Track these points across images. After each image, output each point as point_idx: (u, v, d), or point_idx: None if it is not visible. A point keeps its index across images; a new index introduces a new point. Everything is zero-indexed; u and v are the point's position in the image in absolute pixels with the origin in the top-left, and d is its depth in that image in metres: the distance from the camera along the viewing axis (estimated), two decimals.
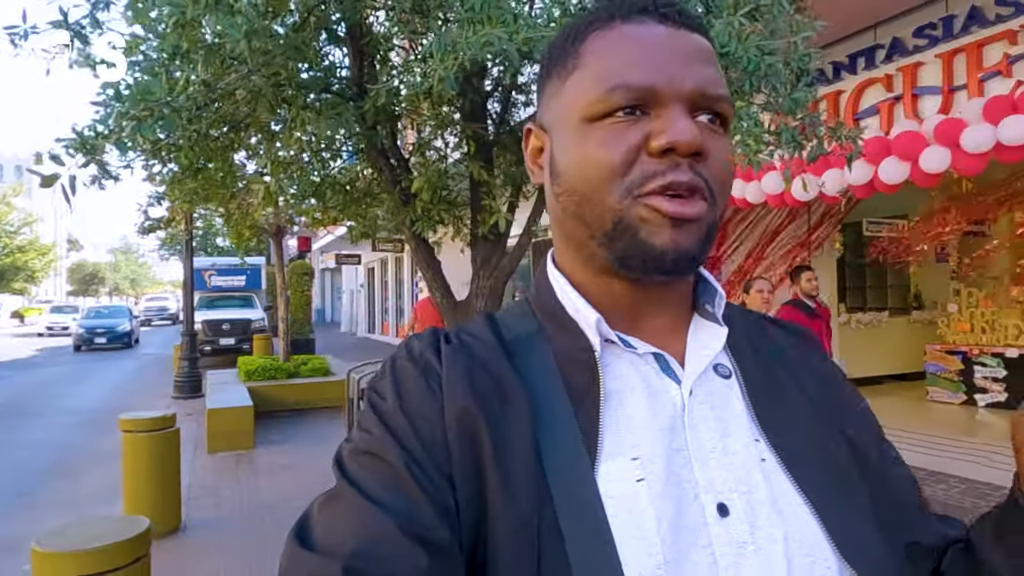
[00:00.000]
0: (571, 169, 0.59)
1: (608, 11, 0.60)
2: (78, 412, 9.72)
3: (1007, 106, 4.56)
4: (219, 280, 17.27)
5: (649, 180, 0.55)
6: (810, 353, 0.71)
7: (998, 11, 5.02)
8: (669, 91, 0.55)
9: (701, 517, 0.53)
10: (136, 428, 4.54)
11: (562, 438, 0.54)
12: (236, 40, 1.48)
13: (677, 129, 0.54)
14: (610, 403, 0.57)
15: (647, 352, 0.60)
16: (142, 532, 2.40)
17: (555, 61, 0.63)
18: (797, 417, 0.62)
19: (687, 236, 0.56)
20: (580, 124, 0.58)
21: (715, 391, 0.60)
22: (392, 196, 2.90)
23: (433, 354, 0.59)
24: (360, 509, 0.51)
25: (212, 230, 17.76)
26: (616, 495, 0.52)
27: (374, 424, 0.56)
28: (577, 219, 0.60)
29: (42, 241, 38.25)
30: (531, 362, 0.60)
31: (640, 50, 0.56)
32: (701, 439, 0.56)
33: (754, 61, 1.83)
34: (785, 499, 0.55)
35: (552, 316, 0.63)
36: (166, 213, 10.53)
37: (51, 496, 5.64)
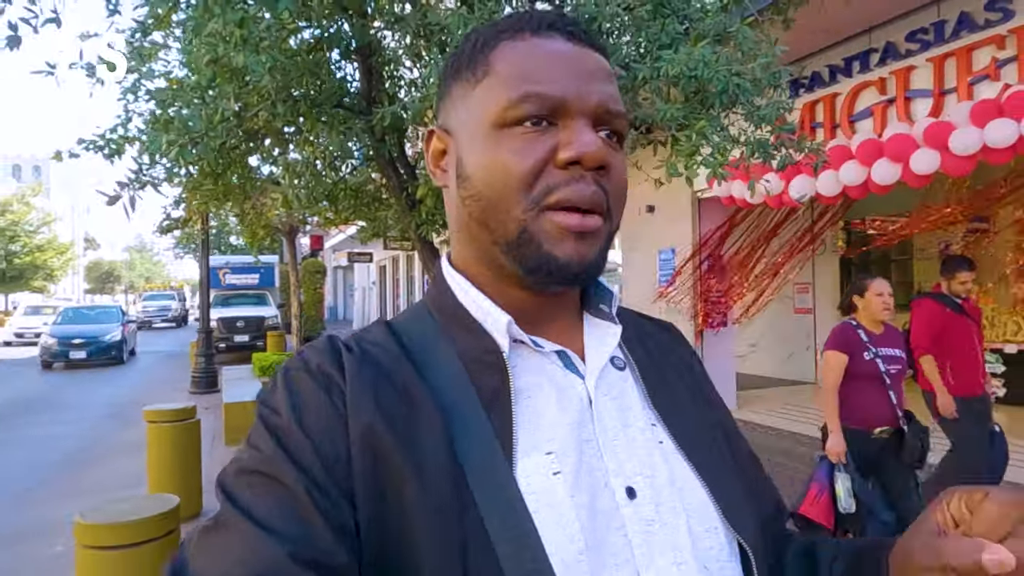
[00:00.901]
0: (479, 174, 0.60)
1: (518, 23, 0.61)
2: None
3: (993, 109, 4.71)
4: (233, 278, 17.60)
5: (554, 191, 0.57)
6: (677, 345, 0.77)
7: (987, 16, 5.16)
8: (577, 104, 0.57)
9: (613, 501, 0.56)
10: (159, 419, 4.82)
11: (478, 440, 0.55)
12: (260, 75, 1.71)
13: (584, 142, 0.56)
14: (521, 401, 0.58)
15: (552, 350, 0.62)
16: (173, 508, 2.65)
17: (463, 67, 0.63)
18: (683, 402, 0.67)
19: (589, 248, 0.58)
20: (491, 130, 0.59)
21: (614, 383, 0.64)
22: (399, 201, 3.11)
23: (334, 366, 0.57)
24: (248, 535, 0.48)
25: (226, 229, 18.08)
26: (536, 490, 0.54)
27: (265, 441, 0.53)
28: (482, 225, 0.61)
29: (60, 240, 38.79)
30: (438, 368, 0.59)
31: (551, 62, 0.58)
32: (607, 428, 0.60)
33: (723, 82, 2.03)
34: (682, 477, 0.60)
35: (454, 318, 0.63)
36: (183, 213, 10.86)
37: (75, 485, 5.93)
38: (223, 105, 1.85)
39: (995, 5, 5.10)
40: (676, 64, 1.90)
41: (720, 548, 0.59)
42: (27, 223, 33.87)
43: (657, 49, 2.22)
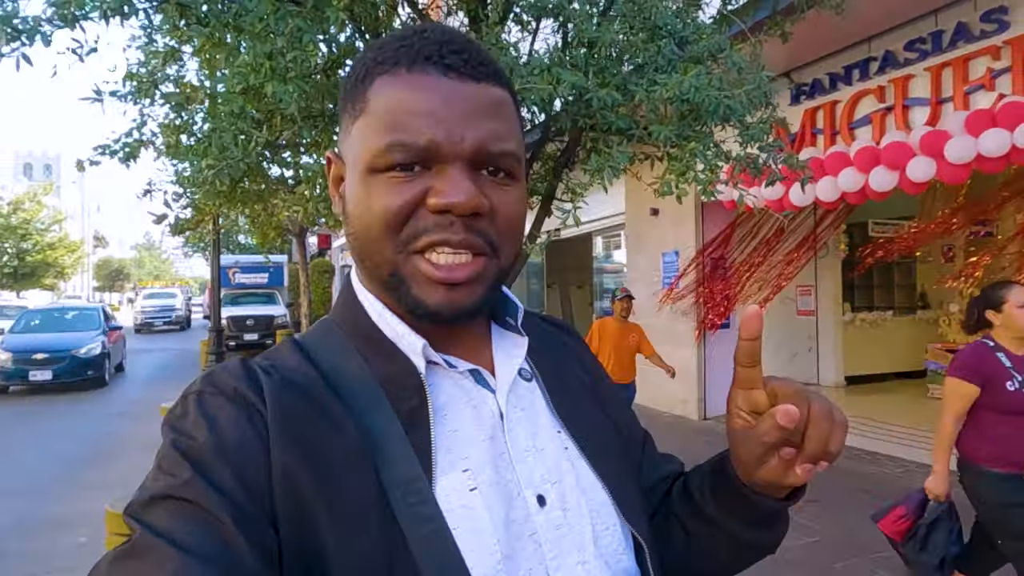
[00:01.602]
0: (355, 213, 0.60)
1: (395, 54, 0.58)
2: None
3: (987, 119, 4.83)
4: (243, 277, 17.80)
5: (421, 235, 0.56)
6: (572, 342, 0.81)
7: (983, 27, 5.27)
8: (448, 149, 0.55)
9: (525, 509, 0.59)
10: None
11: (399, 463, 0.55)
12: (289, 104, 1.86)
13: (454, 190, 0.55)
14: (439, 421, 0.59)
15: (465, 368, 0.63)
16: None
17: (347, 97, 0.62)
18: (582, 406, 0.71)
19: (461, 295, 0.58)
20: (364, 174, 0.58)
21: (523, 394, 0.66)
22: None
23: (251, 389, 0.55)
24: (171, 561, 0.46)
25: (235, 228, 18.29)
26: (454, 507, 0.55)
27: (180, 466, 0.51)
28: (362, 261, 0.62)
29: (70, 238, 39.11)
30: (356, 390, 0.59)
31: (420, 104, 0.56)
32: (517, 440, 0.62)
33: (714, 103, 2.18)
34: (586, 480, 0.64)
35: (368, 340, 0.62)
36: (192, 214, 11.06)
37: (96, 479, 6.12)
38: (256, 135, 2.01)
39: (991, 16, 5.22)
40: (670, 88, 2.05)
41: (618, 544, 0.63)
42: (38, 221, 34.20)
43: (653, 71, 2.37)
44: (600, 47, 2.30)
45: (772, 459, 0.57)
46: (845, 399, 8.43)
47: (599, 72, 2.31)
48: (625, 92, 2.21)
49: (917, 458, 6.05)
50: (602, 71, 2.36)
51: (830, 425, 0.54)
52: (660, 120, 2.20)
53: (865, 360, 9.44)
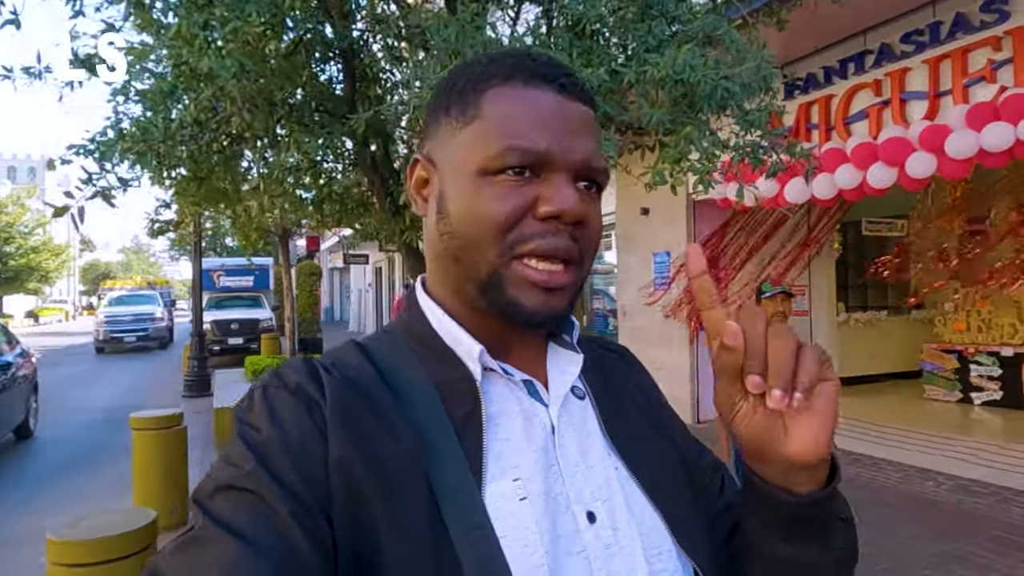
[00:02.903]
0: (459, 214, 0.62)
1: (510, 68, 0.62)
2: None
3: (990, 113, 4.66)
4: (227, 280, 17.54)
5: (528, 241, 0.59)
6: (630, 369, 0.80)
7: (983, 18, 5.11)
8: (560, 159, 0.59)
9: (574, 525, 0.58)
10: (145, 426, 4.75)
11: (450, 466, 0.56)
12: (226, 80, 1.64)
13: (564, 198, 0.58)
14: (491, 428, 0.60)
15: (520, 379, 0.64)
16: (150, 523, 2.58)
17: (453, 103, 0.64)
18: (636, 429, 0.70)
19: (556, 300, 0.61)
20: (474, 175, 0.60)
21: (574, 411, 0.66)
22: (383, 207, 3.05)
23: (313, 386, 0.58)
24: (230, 550, 0.48)
25: (221, 231, 18.01)
26: (503, 515, 0.56)
27: (245, 458, 0.53)
28: (456, 261, 0.63)
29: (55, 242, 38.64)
30: (412, 393, 0.61)
31: (537, 116, 0.60)
32: (568, 455, 0.62)
33: (710, 85, 1.98)
34: (636, 502, 0.63)
35: (427, 345, 0.65)
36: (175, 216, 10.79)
37: (67, 489, 5.85)
38: (182, 112, 1.79)
39: (991, 6, 5.05)
40: (661, 67, 1.84)
41: (673, 569, 0.61)
42: (22, 225, 33.72)
43: (644, 52, 2.16)
44: (586, 24, 2.10)
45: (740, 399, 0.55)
46: (841, 401, 8.12)
47: (585, 52, 2.10)
48: (614, 74, 2.01)
49: (917, 463, 5.91)
50: (588, 52, 2.16)
51: (791, 344, 0.52)
52: (651, 105, 2.01)
53: (860, 361, 9.30)
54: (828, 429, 0.55)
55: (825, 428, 0.55)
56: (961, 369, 7.68)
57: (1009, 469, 5.51)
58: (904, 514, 4.68)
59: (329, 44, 2.57)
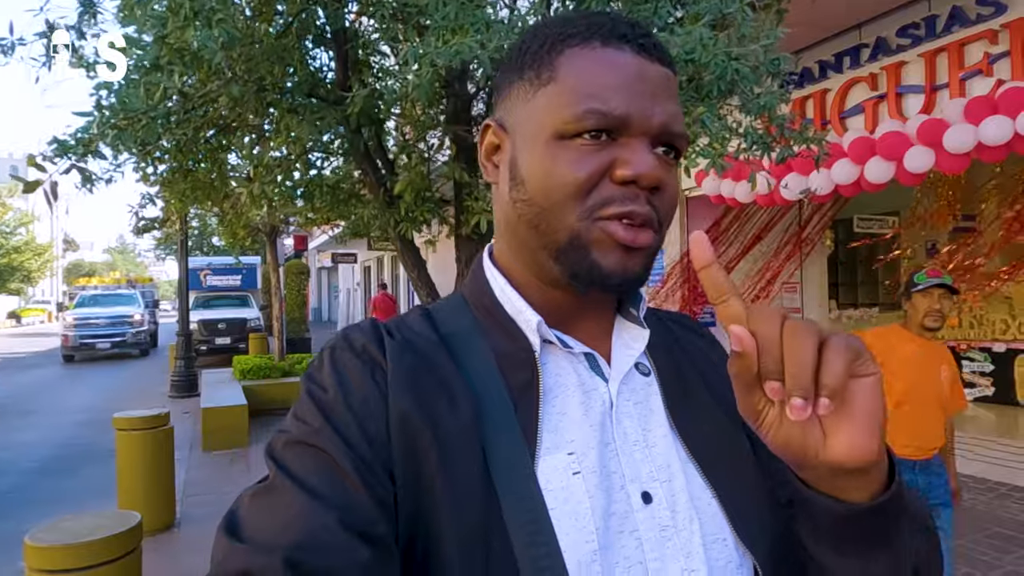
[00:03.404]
0: (534, 180, 0.60)
1: (587, 29, 0.60)
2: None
3: (988, 106, 4.62)
4: (215, 280, 17.34)
5: (608, 205, 0.58)
6: (703, 343, 0.77)
7: (979, 11, 5.08)
8: (639, 123, 0.58)
9: (628, 504, 0.57)
10: (130, 427, 4.61)
11: (505, 435, 0.57)
12: (213, 51, 1.54)
13: (642, 162, 0.57)
14: (548, 400, 0.60)
15: (580, 351, 0.63)
16: (134, 527, 2.46)
17: (527, 65, 0.63)
18: (703, 410, 0.67)
19: (636, 261, 0.59)
20: (550, 139, 0.59)
21: (637, 388, 0.65)
22: (377, 198, 2.95)
23: (377, 348, 0.59)
24: (298, 501, 0.50)
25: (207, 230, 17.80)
26: (554, 488, 0.55)
27: (313, 415, 0.56)
28: (532, 228, 0.61)
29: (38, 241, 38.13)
30: (471, 359, 0.61)
31: (616, 78, 0.58)
32: (626, 433, 0.61)
33: (721, 66, 1.90)
34: (696, 486, 0.61)
35: (490, 314, 0.65)
36: (160, 213, 10.60)
37: (47, 493, 5.70)
38: (164, 81, 1.67)
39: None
40: (672, 46, 1.76)
41: (728, 560, 0.59)
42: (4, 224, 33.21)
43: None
44: (589, 3, 2.01)
45: (764, 406, 0.49)
46: None
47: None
48: None
49: None
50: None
51: (811, 342, 0.45)
52: None
53: None
54: (873, 429, 0.47)
55: (869, 429, 0.47)
56: None
57: (1004, 464, 5.50)
58: None
59: (321, 27, 2.48)
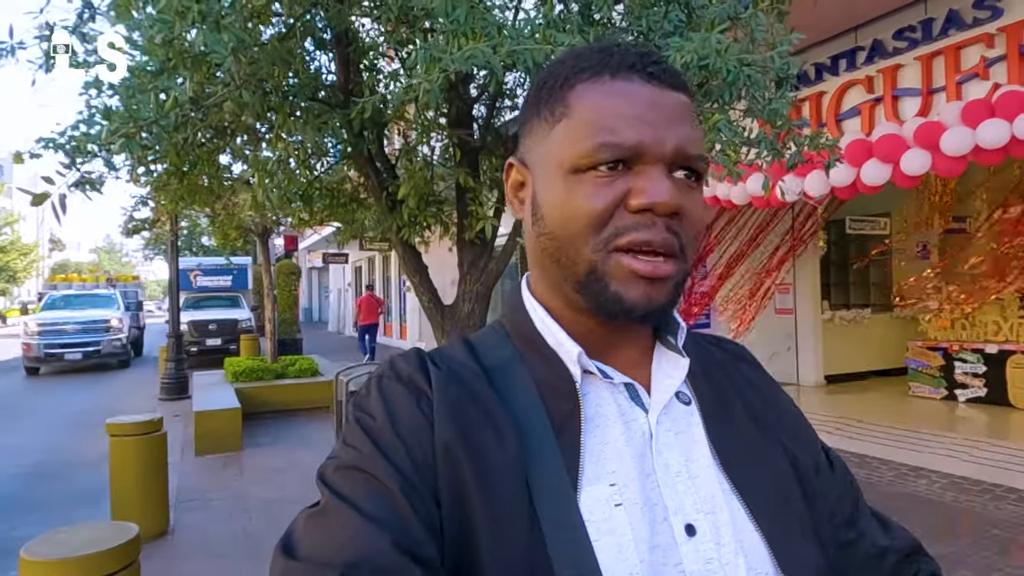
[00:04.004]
0: (553, 215, 0.61)
1: (598, 62, 0.61)
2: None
3: (985, 110, 4.65)
4: (205, 280, 17.17)
5: (624, 235, 0.58)
6: (748, 369, 0.76)
7: (975, 14, 5.10)
8: (652, 151, 0.58)
9: (671, 537, 0.57)
10: (123, 432, 4.53)
11: (547, 466, 0.57)
12: (223, 56, 1.50)
13: (656, 190, 0.57)
14: (589, 431, 0.60)
15: (621, 382, 0.63)
16: (132, 539, 2.41)
17: (542, 103, 0.64)
18: (746, 440, 0.66)
19: (658, 292, 0.59)
20: (566, 173, 0.60)
21: (678, 418, 0.64)
22: (379, 202, 2.92)
23: (422, 377, 0.61)
24: (352, 522, 0.52)
25: (197, 230, 17.62)
26: (597, 519, 0.55)
27: (362, 442, 0.57)
28: (555, 262, 0.62)
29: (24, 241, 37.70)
30: (513, 390, 0.62)
31: (627, 108, 0.59)
32: (668, 464, 0.60)
33: (733, 72, 1.87)
34: (740, 519, 0.60)
35: (531, 344, 0.65)
36: (151, 214, 10.49)
37: (37, 499, 5.61)
38: (176, 88, 1.63)
39: (983, 3, 5.05)
40: (686, 52, 1.73)
41: None
42: None
43: (659, 38, 2.05)
44: (598, 10, 1.98)
45: None
46: (826, 399, 8.31)
47: (598, 39, 1.99)
48: None
49: (907, 460, 5.91)
50: (600, 39, 2.04)
51: None
52: None
53: (845, 359, 9.35)
54: None
55: None
56: (946, 366, 7.73)
57: (998, 466, 5.53)
58: (900, 513, 4.65)
59: (324, 29, 2.43)
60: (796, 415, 0.75)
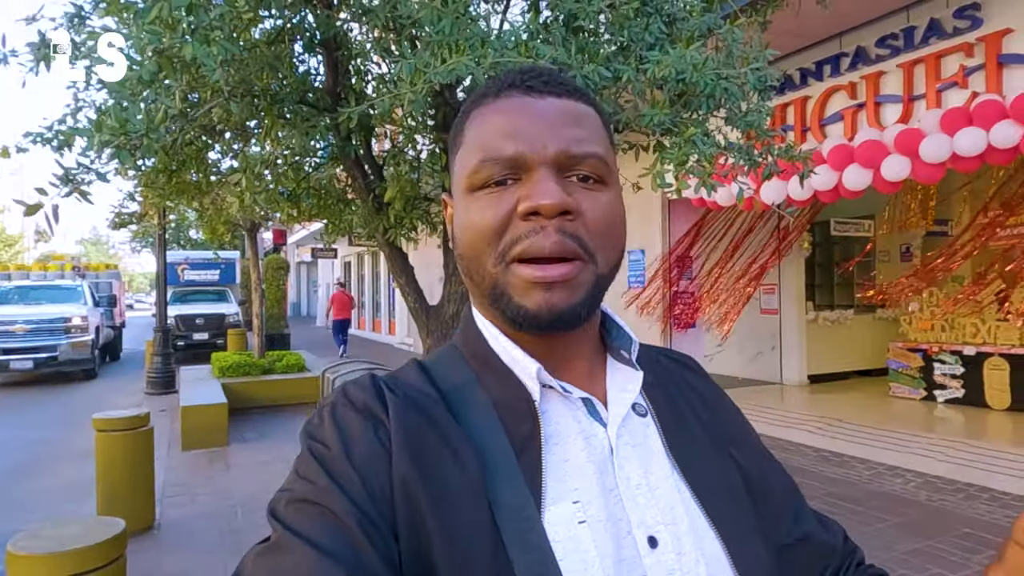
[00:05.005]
0: (459, 235, 0.64)
1: (484, 91, 0.65)
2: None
3: (963, 118, 4.75)
4: (192, 274, 17.11)
5: (517, 243, 0.59)
6: (695, 379, 0.77)
7: (955, 24, 5.20)
8: (533, 157, 0.59)
9: (635, 550, 0.57)
10: (110, 427, 4.55)
11: (510, 488, 0.56)
12: (212, 69, 1.54)
13: (539, 192, 0.58)
14: (550, 449, 0.60)
15: (578, 396, 0.63)
16: (119, 534, 2.45)
17: (451, 138, 0.68)
18: (700, 449, 0.67)
19: (560, 296, 0.59)
20: (464, 195, 0.63)
21: (635, 430, 0.65)
22: (365, 204, 2.96)
23: (378, 405, 0.59)
24: (306, 560, 0.50)
25: (185, 223, 17.52)
26: (562, 538, 0.55)
27: (316, 473, 0.55)
28: (470, 280, 0.65)
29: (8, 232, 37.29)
30: (472, 414, 0.61)
31: (505, 123, 0.61)
32: (629, 478, 0.61)
33: (710, 85, 1.94)
34: (700, 527, 0.61)
35: (486, 364, 0.65)
36: (139, 208, 10.43)
37: (19, 494, 5.61)
38: (167, 102, 1.67)
39: (964, 13, 5.15)
40: (664, 66, 1.79)
41: None
42: None
43: (641, 50, 2.11)
44: (580, 20, 2.04)
45: None
46: (809, 398, 8.43)
47: (581, 50, 2.04)
48: (610, 71, 1.95)
49: (885, 459, 6.02)
50: (582, 50, 2.10)
51: None
52: (648, 104, 1.96)
53: (827, 359, 9.48)
54: None
55: None
56: (925, 367, 7.87)
57: (972, 465, 5.65)
58: (875, 511, 4.75)
59: (312, 33, 2.47)
60: (741, 422, 0.76)
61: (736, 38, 2.05)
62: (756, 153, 2.32)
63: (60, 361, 11.43)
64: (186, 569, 4.01)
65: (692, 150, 1.95)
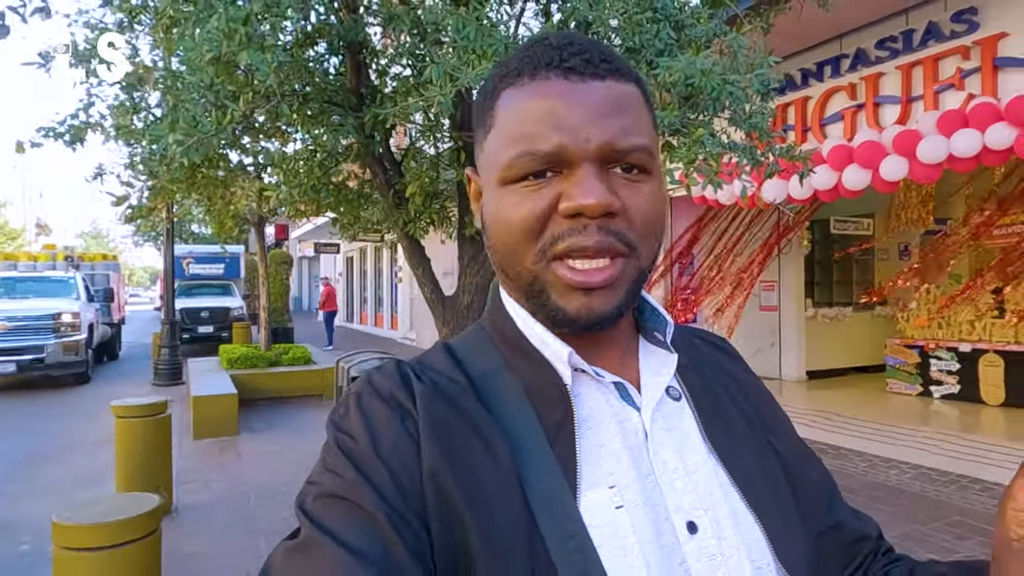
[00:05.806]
0: (492, 227, 0.61)
1: (517, 65, 0.59)
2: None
3: (959, 120, 4.88)
4: (197, 268, 17.26)
5: (560, 241, 0.56)
6: (733, 364, 0.76)
7: (953, 27, 5.33)
8: (576, 152, 0.55)
9: (674, 536, 0.56)
10: (128, 414, 4.70)
11: (544, 475, 0.55)
12: (266, 74, 1.68)
13: (584, 192, 0.54)
14: (584, 434, 0.58)
15: (611, 381, 0.61)
16: (155, 508, 2.60)
17: (478, 113, 0.63)
18: (738, 433, 0.66)
19: (601, 300, 0.57)
20: (497, 186, 0.59)
21: (670, 414, 0.63)
22: (386, 198, 3.10)
23: (405, 394, 0.58)
24: (336, 558, 0.49)
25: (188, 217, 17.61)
26: (599, 524, 0.54)
27: (344, 467, 0.54)
28: (503, 272, 0.62)
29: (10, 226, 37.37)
30: (503, 400, 0.59)
31: (543, 111, 0.56)
32: (665, 462, 0.59)
33: (717, 89, 2.08)
34: (739, 511, 0.60)
35: (517, 348, 0.63)
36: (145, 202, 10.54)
37: (37, 481, 5.75)
38: (232, 106, 1.81)
39: (961, 16, 5.28)
40: (675, 71, 1.93)
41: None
42: None
43: (651, 55, 2.25)
44: (596, 26, 2.17)
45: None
46: (807, 394, 8.55)
47: None
48: None
49: (881, 452, 6.16)
50: None
51: None
52: (662, 107, 2.09)
53: (826, 355, 9.60)
54: None
55: None
56: (922, 364, 7.99)
57: (965, 458, 5.80)
58: (869, 500, 4.90)
59: (340, 36, 2.60)
60: (774, 406, 0.74)
61: (741, 45, 2.19)
62: (759, 153, 2.46)
63: (47, 363, 10.00)
64: (204, 551, 4.16)
65: (700, 150, 2.09)
